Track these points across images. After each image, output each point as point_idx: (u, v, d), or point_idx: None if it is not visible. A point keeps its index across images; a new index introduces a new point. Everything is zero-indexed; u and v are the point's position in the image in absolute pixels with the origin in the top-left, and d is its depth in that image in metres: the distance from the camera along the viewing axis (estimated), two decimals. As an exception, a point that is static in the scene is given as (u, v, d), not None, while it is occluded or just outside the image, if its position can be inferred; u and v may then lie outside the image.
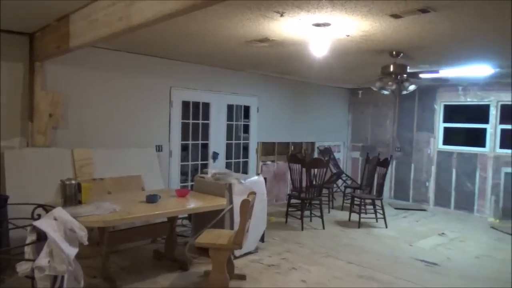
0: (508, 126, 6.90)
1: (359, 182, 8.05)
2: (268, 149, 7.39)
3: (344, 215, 6.58)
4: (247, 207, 3.26)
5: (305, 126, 8.04)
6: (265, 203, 4.60)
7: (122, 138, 5.20)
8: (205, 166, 6.27)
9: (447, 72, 5.56)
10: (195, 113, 6.12)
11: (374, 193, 6.39)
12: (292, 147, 7.83)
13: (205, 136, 6.28)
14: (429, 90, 7.70)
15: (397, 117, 8.27)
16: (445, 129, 7.67)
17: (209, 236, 3.51)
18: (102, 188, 4.56)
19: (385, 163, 6.05)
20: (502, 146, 6.93)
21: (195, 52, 5.08)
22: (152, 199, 3.62)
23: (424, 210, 7.39)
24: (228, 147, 6.68)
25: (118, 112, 5.18)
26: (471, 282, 3.94)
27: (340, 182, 8.40)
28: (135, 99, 5.34)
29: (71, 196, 3.32)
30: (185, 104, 5.96)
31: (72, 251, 2.69)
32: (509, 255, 4.87)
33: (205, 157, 6.33)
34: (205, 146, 6.33)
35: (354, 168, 8.99)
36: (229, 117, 6.62)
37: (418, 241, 5.30)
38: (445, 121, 7.68)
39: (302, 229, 5.60)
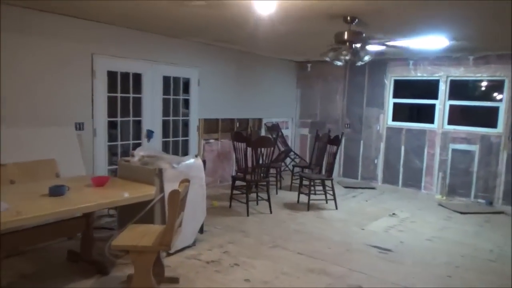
0: (456, 102, 6.78)
1: (308, 160, 7.69)
2: (211, 126, 6.75)
3: (292, 196, 6.17)
4: (176, 199, 2.65)
5: (252, 102, 7.46)
6: (204, 190, 4.00)
7: (30, 115, 4.31)
8: (138, 146, 5.51)
9: (402, 43, 5.19)
10: (125, 85, 5.30)
11: (324, 172, 6.02)
12: (238, 123, 7.25)
13: (137, 112, 5.50)
14: (380, 65, 7.39)
15: (347, 92, 7.93)
16: (395, 104, 7.45)
17: (131, 235, 2.87)
18: (2, 176, 3.70)
19: (336, 141, 5.66)
20: (450, 122, 6.83)
21: (121, 12, 4.25)
22: (56, 191, 2.88)
23: (373, 188, 7.19)
24: (165, 124, 5.95)
25: (25, 83, 4.26)
26: (426, 268, 3.66)
27: (288, 160, 7.99)
28: (47, 68, 4.43)
29: None
30: (112, 75, 5.11)
31: None
32: (458, 235, 4.70)
33: (138, 136, 5.57)
34: (138, 123, 5.55)
35: (303, 145, 8.61)
36: (166, 91, 5.86)
37: (370, 223, 5.00)
38: (395, 96, 7.44)
39: (248, 215, 5.10)
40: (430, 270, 3.64)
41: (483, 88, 6.82)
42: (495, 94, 6.58)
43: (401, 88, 7.40)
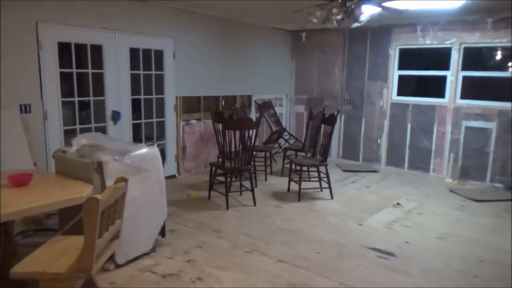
0: (470, 73, 5.93)
1: (303, 141, 6.95)
2: (191, 105, 5.98)
3: (283, 183, 5.45)
4: (94, 210, 1.92)
5: (239, 77, 6.65)
6: (163, 185, 3.27)
7: (-43, 96, 3.58)
8: (102, 130, 4.80)
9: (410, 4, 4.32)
10: (82, 59, 4.53)
11: (318, 156, 5.26)
12: (223, 102, 6.47)
13: (99, 90, 4.74)
14: (383, 32, 6.51)
15: (347, 64, 7.08)
16: (400, 77, 6.60)
17: (45, 255, 2.17)
18: None
19: (331, 121, 4.87)
20: (464, 96, 5.99)
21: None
22: None
23: (376, 171, 6.45)
24: (136, 104, 5.20)
25: None
26: (437, 279, 2.95)
27: (283, 141, 7.24)
28: (-24, 38, 3.67)
29: None
30: (64, 47, 4.33)
31: None
32: (474, 231, 3.98)
33: (102, 118, 4.83)
34: (101, 104, 4.81)
35: (299, 124, 7.83)
36: (135, 65, 5.08)
37: (370, 217, 4.28)
38: (400, 68, 6.58)
39: (227, 208, 4.40)
40: (442, 281, 2.93)
41: (498, 57, 5.95)
42: (510, 64, 5.73)
43: (408, 58, 6.54)
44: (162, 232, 3.42)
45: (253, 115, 7.03)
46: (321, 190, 5.13)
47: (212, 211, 4.33)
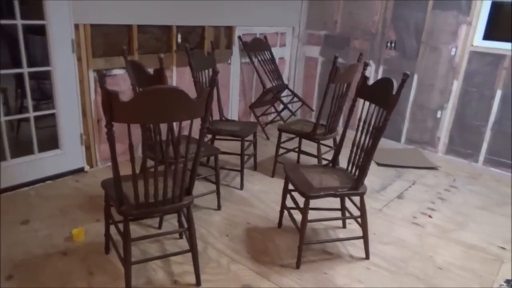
0: None
1: (315, 113, 4.35)
2: (114, 42, 3.26)
3: (273, 194, 2.93)
4: None
5: (211, -8, 3.82)
6: None
7: None
8: None
9: None
10: None
11: (350, 166, 2.65)
12: (180, 37, 3.70)
13: None
14: None
15: (397, -21, 4.17)
16: (495, 5, 3.74)
17: None
18: None
19: (385, 97, 2.16)
20: None
21: None
22: None
23: (434, 168, 3.86)
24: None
25: None
26: None
27: (287, 104, 4.62)
28: None
29: None
30: None
31: None
32: None
33: None
34: None
35: (309, 78, 5.09)
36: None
37: None
38: (495, -12, 3.71)
39: (129, 300, 1.90)
40: None
41: None
42: None
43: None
44: None
45: (237, 63, 4.30)
46: (345, 227, 2.61)
47: (91, 307, 1.84)
